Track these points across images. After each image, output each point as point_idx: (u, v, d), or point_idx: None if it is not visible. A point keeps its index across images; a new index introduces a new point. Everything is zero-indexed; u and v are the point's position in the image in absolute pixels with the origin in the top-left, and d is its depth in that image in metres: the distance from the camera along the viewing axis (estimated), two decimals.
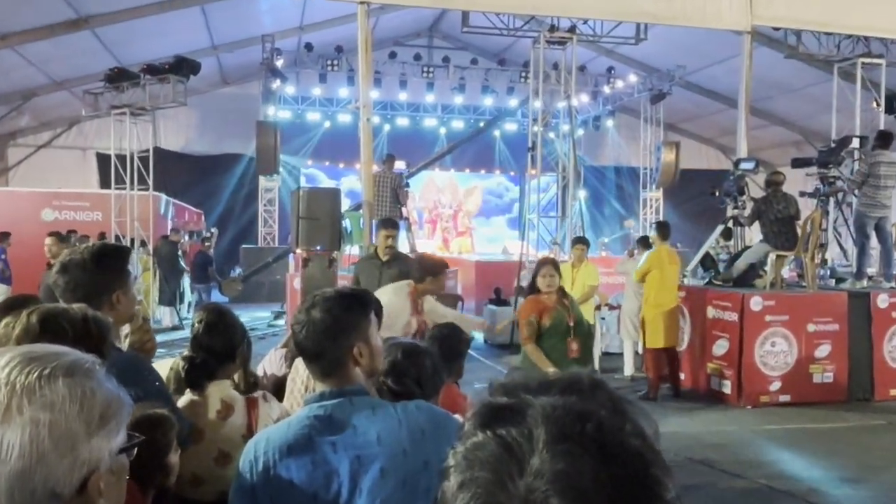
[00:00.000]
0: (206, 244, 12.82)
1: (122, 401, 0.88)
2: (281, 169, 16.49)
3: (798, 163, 9.57)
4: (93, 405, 0.84)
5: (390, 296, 3.98)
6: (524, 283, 10.00)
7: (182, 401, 2.37)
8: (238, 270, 14.28)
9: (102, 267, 2.04)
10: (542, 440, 0.54)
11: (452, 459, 0.56)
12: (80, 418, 0.83)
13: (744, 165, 8.78)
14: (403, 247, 7.99)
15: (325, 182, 18.67)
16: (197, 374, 2.38)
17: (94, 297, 1.95)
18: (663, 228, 7.82)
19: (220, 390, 2.38)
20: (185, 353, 2.45)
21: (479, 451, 0.56)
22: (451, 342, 2.85)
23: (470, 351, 3.36)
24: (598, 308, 8.37)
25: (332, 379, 1.63)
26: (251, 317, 11.67)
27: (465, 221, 20.48)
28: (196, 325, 2.47)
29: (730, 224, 9.21)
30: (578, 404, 0.58)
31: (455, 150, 17.17)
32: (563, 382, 0.60)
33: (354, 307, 1.65)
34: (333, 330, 1.61)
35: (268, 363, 3.42)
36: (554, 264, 4.80)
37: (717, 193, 8.99)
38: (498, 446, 0.55)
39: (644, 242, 8.61)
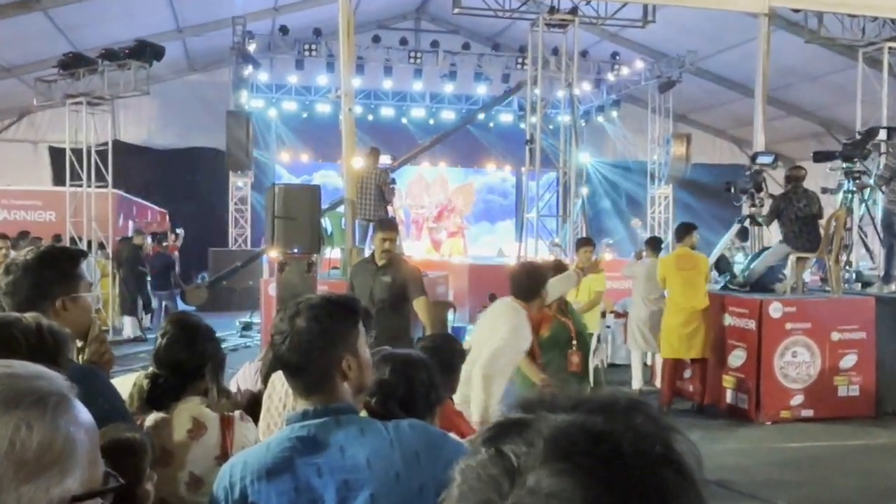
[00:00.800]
0: (165, 244, 12.63)
1: (73, 442, 0.82)
2: (254, 164, 16.46)
3: (820, 156, 9.63)
4: (28, 446, 0.78)
5: (513, 321, 3.90)
6: None
7: (149, 419, 2.34)
8: (204, 276, 14.18)
9: (46, 269, 2.01)
10: (541, 456, 0.55)
11: (455, 473, 0.59)
12: (7, 460, 0.77)
13: (761, 159, 8.83)
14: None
15: (303, 178, 18.66)
16: (161, 393, 2.36)
17: (34, 301, 1.93)
18: (653, 242, 8.48)
19: (191, 408, 2.37)
20: (150, 369, 2.42)
21: (476, 465, 0.57)
22: (444, 354, 2.82)
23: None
24: (602, 315, 8.39)
25: (316, 395, 1.62)
26: (219, 325, 11.57)
27: (456, 221, 20.49)
28: (159, 338, 2.45)
29: (746, 223, 9.26)
30: (600, 424, 0.57)
31: (443, 141, 17.12)
32: (594, 402, 0.60)
33: (343, 315, 1.64)
34: (320, 341, 1.60)
35: (241, 378, 3.39)
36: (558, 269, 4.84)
37: (732, 190, 9.03)
38: (494, 459, 0.57)
39: (653, 244, 8.65)
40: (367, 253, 10.04)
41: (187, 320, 2.54)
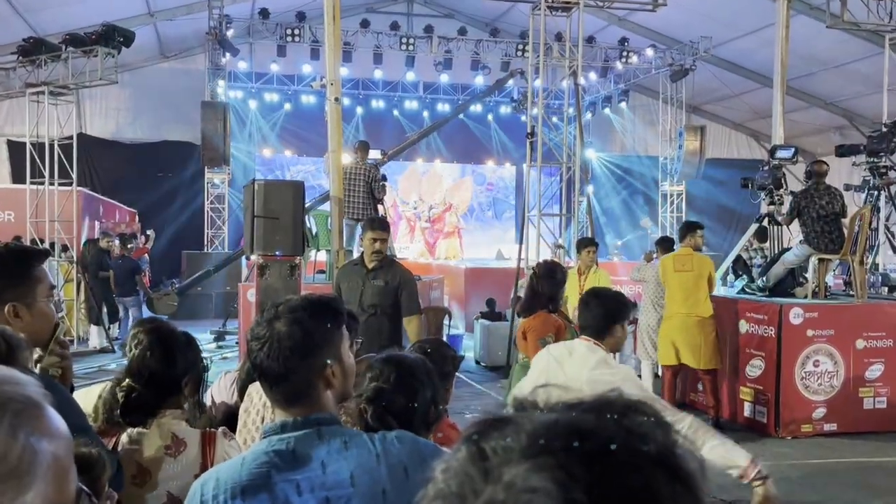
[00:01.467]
0: (131, 247, 12.52)
1: (34, 454, 0.79)
2: (232, 159, 16.45)
3: (844, 150, 9.67)
4: None
5: (605, 367, 3.26)
6: (521, 294, 10.10)
7: (124, 435, 2.34)
8: (174, 281, 14.10)
9: None
10: (521, 451, 0.56)
11: (435, 473, 0.60)
12: None
13: (780, 154, 8.86)
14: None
15: (285, 174, 18.66)
16: (135, 407, 2.35)
17: None
18: (664, 243, 8.39)
19: (169, 422, 2.36)
20: (124, 381, 2.40)
21: (454, 462, 0.59)
22: (435, 361, 2.81)
23: (459, 374, 3.34)
24: None
25: (298, 406, 1.61)
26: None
27: (452, 220, 20.51)
28: (132, 348, 2.42)
29: (765, 223, 9.28)
30: (589, 422, 0.57)
31: (430, 134, 17.11)
32: (590, 402, 0.61)
33: (327, 318, 1.64)
34: (304, 346, 1.59)
35: (217, 390, 3.38)
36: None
37: (749, 187, 9.06)
38: (472, 456, 0.58)
39: (664, 245, 8.67)
40: (355, 255, 10.09)
41: (162, 327, 2.51)
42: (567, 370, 3.31)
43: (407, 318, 5.20)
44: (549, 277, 5.00)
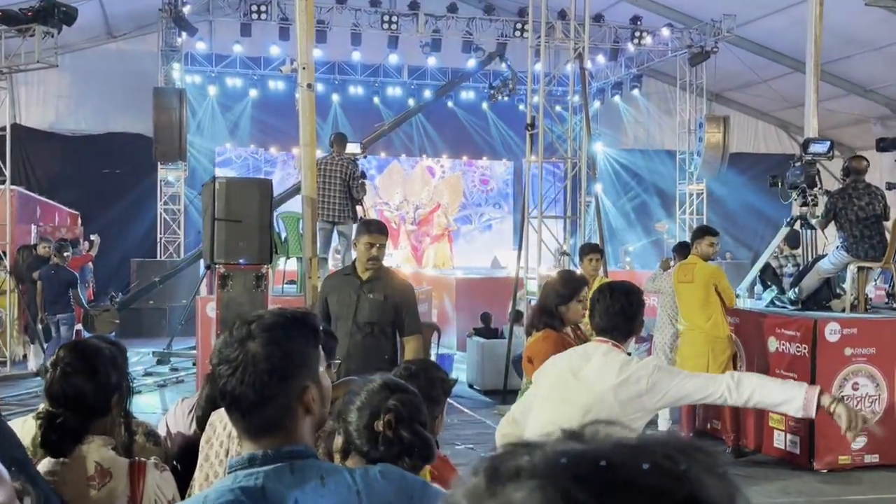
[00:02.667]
0: (67, 255, 12.34)
1: None
2: (189, 154, 16.41)
3: (886, 144, 9.75)
4: None
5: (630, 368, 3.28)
6: (522, 307, 10.12)
7: (43, 464, 2.35)
8: (112, 295, 13.94)
9: None
10: (529, 471, 0.60)
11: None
12: None
13: (814, 148, 8.92)
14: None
15: (251, 171, 18.64)
16: (57, 436, 2.36)
17: None
18: (682, 249, 8.44)
19: (95, 450, 2.38)
20: (41, 407, 2.43)
21: (463, 492, 0.63)
22: (423, 384, 2.81)
23: (451, 399, 3.35)
24: None
25: (269, 437, 1.62)
26: (136, 354, 11.47)
27: (441, 221, 20.55)
28: (50, 370, 2.45)
29: (797, 226, 9.35)
30: (615, 455, 0.60)
31: (403, 123, 16.97)
32: (637, 442, 0.63)
33: (304, 335, 1.65)
34: (284, 368, 1.60)
35: (172, 419, 3.38)
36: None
37: (779, 185, 9.11)
38: (486, 471, 0.63)
39: (682, 251, 8.72)
40: (330, 263, 10.09)
41: (85, 344, 2.55)
42: (585, 380, 3.29)
43: (406, 337, 5.09)
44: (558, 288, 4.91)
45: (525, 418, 3.53)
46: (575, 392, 3.28)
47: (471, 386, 10.74)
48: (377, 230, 5.24)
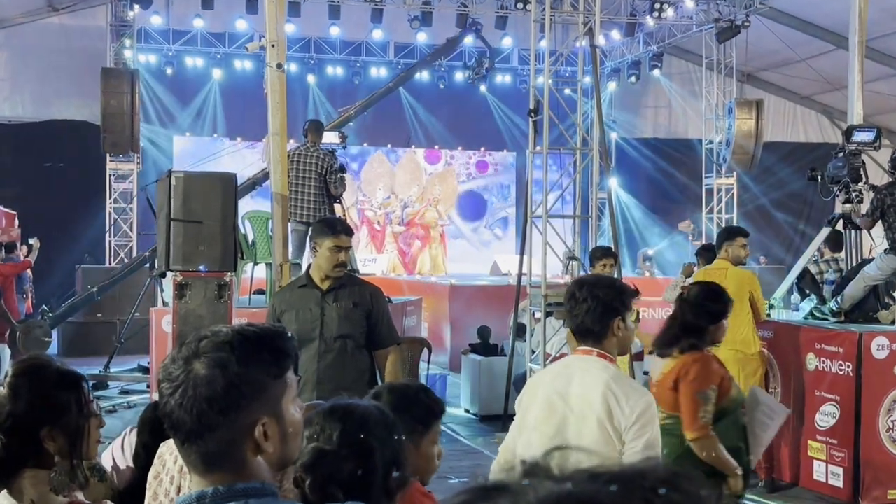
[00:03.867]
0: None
1: None
2: (142, 144, 16.40)
3: None
4: None
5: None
6: (525, 320, 10.10)
7: None
8: (44, 308, 13.84)
9: None
10: None
11: None
12: None
13: (859, 136, 8.93)
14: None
15: (213, 164, 18.61)
16: None
17: None
18: (707, 253, 8.56)
19: (32, 486, 2.37)
20: None
21: None
22: (406, 407, 2.77)
23: (445, 427, 3.33)
24: (638, 357, 8.42)
25: (219, 472, 1.60)
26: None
27: (433, 219, 20.58)
28: None
29: (839, 226, 9.36)
30: (613, 498, 0.60)
31: (373, 105, 16.87)
32: (616, 472, 0.63)
33: (263, 358, 1.62)
34: (227, 398, 1.58)
35: (118, 451, 3.38)
36: None
37: (819, 179, 9.12)
38: None
39: (708, 256, 8.72)
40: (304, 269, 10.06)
41: (33, 362, 2.56)
42: (574, 399, 3.29)
43: (381, 350, 4.96)
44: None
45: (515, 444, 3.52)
46: (562, 418, 3.31)
47: (466, 411, 10.73)
48: (343, 231, 5.04)
